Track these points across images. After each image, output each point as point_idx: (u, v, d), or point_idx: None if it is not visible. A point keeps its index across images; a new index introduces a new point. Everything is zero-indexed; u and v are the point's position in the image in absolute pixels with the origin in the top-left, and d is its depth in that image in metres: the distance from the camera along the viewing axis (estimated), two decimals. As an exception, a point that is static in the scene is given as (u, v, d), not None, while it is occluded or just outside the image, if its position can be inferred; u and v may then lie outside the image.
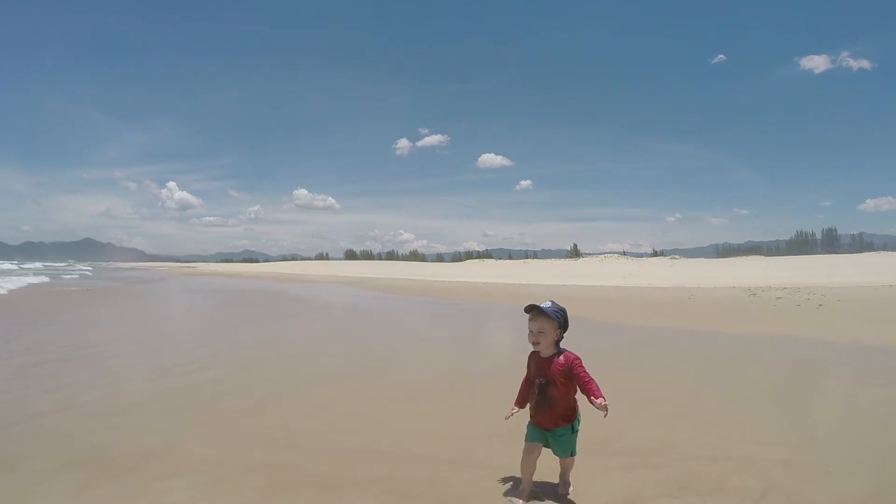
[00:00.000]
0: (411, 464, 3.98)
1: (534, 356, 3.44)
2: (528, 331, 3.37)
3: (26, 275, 42.78)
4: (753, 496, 3.41)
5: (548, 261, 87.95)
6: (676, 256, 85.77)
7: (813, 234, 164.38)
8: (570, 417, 3.33)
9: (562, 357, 3.31)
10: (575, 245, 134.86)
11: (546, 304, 3.33)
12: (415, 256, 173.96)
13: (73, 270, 67.69)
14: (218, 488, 3.56)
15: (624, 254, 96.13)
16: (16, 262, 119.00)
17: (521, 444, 3.42)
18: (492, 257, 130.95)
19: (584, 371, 3.25)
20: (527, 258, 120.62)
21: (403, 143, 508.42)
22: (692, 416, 5.17)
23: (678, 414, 5.23)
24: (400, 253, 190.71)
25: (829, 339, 9.57)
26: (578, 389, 3.27)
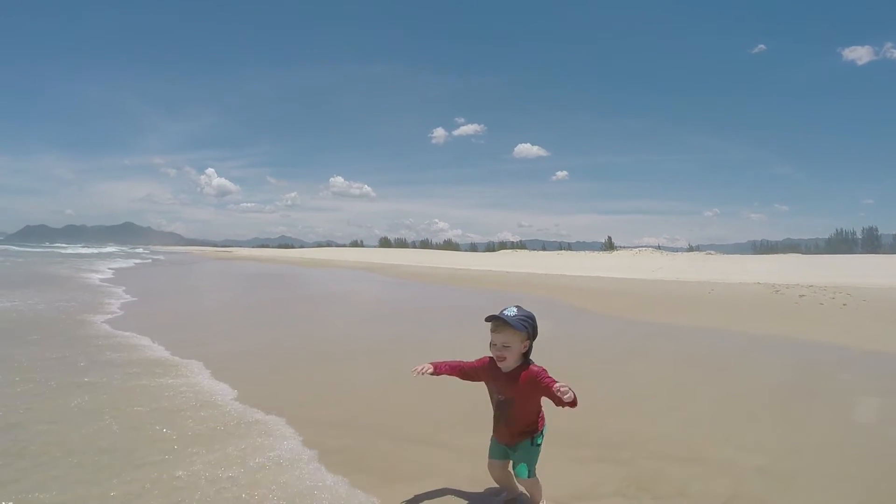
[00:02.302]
0: (376, 438, 4.19)
1: (494, 366, 2.98)
2: (491, 343, 2.95)
3: (114, 257, 48.12)
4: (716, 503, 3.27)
5: (581, 253, 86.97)
6: (712, 252, 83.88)
7: (853, 233, 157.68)
8: (530, 433, 3.00)
9: (527, 372, 2.91)
10: (609, 238, 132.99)
11: (510, 312, 2.88)
12: (449, 246, 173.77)
13: (134, 253, 71.02)
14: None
15: (659, 248, 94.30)
16: (83, 244, 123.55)
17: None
18: (526, 248, 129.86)
19: (551, 379, 2.85)
20: (561, 250, 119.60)
21: (439, 133, 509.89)
22: (675, 414, 5.07)
23: (661, 411, 5.16)
24: (434, 242, 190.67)
25: (841, 342, 9.24)
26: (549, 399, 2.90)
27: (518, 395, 2.92)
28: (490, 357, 3.00)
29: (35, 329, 8.49)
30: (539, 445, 3.03)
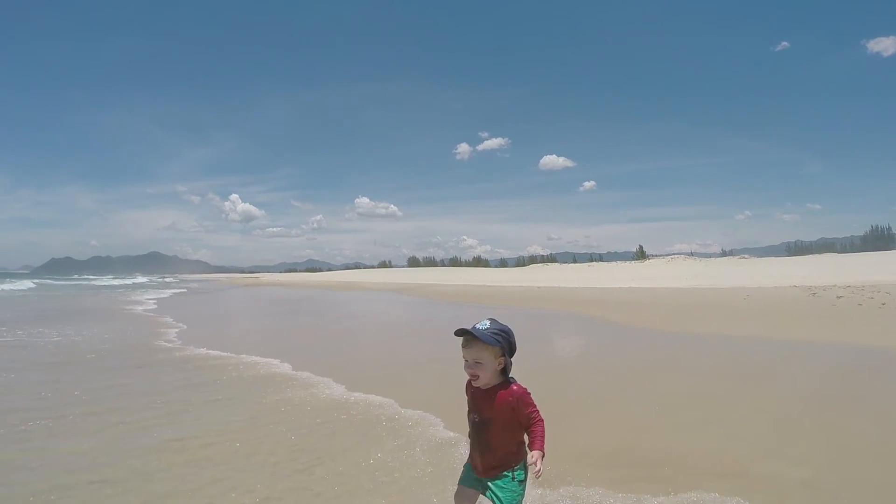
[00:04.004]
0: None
1: (472, 386, 2.68)
2: (463, 360, 2.63)
3: (147, 287, 50.15)
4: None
5: (613, 263, 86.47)
6: (746, 256, 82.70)
7: (889, 229, 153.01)
8: (509, 463, 2.62)
9: (507, 390, 2.60)
10: (641, 247, 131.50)
11: (482, 325, 2.58)
12: (478, 262, 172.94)
13: (165, 283, 72.98)
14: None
15: (691, 254, 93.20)
16: (111, 275, 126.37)
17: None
18: (556, 261, 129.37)
19: (535, 408, 2.60)
20: (592, 261, 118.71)
21: (464, 148, 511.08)
22: (713, 427, 4.98)
23: (698, 425, 5.08)
24: (463, 259, 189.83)
25: (882, 344, 9.07)
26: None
27: (496, 416, 2.59)
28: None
29: (123, 357, 9.17)
30: (523, 482, 2.65)
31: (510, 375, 2.66)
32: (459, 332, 2.60)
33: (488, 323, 2.60)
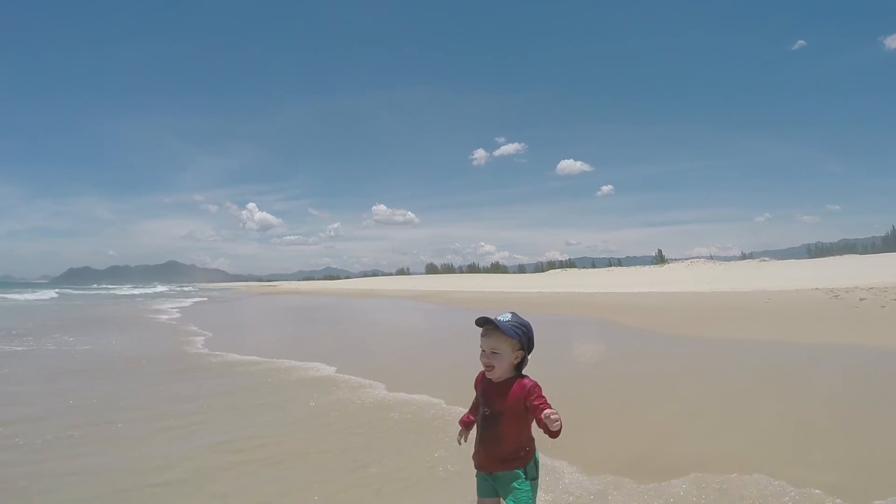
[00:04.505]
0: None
1: (484, 378, 2.67)
2: (480, 350, 2.63)
3: (168, 296, 50.63)
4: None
5: (632, 268, 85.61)
6: (766, 259, 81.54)
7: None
8: (520, 460, 2.56)
9: (518, 384, 2.56)
10: (660, 251, 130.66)
11: (503, 317, 2.58)
12: (496, 269, 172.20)
13: (185, 292, 74.11)
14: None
15: (711, 258, 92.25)
16: (131, 285, 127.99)
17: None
18: (575, 266, 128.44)
19: (545, 400, 2.50)
20: (611, 266, 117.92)
21: (480, 154, 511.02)
22: (736, 433, 4.93)
23: (721, 430, 5.05)
24: (481, 265, 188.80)
25: None
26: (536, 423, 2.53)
27: (507, 410, 2.54)
28: (482, 371, 2.70)
29: (158, 364, 9.48)
30: (535, 480, 2.60)
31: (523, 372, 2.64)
32: (480, 321, 2.60)
33: (510, 315, 2.60)
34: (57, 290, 65.60)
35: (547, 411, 2.37)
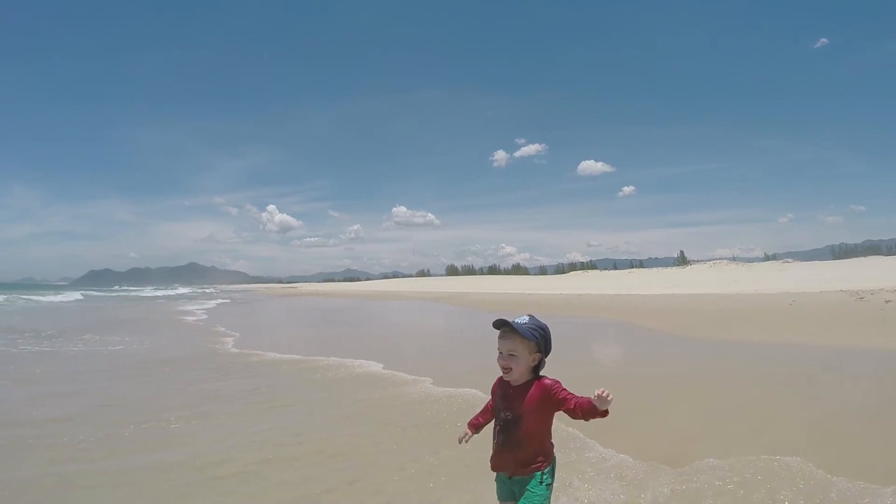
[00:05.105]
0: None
1: (502, 382, 2.72)
2: (497, 352, 2.67)
3: (192, 298, 52.32)
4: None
5: (654, 270, 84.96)
6: (789, 260, 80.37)
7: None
8: (539, 464, 2.59)
9: (537, 385, 2.60)
10: (682, 252, 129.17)
11: (521, 319, 2.62)
12: (517, 270, 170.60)
13: (208, 293, 75.44)
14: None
15: (734, 259, 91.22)
16: (153, 286, 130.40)
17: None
18: (596, 268, 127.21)
19: (568, 391, 2.56)
20: (632, 267, 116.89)
21: (500, 155, 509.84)
22: (762, 440, 4.84)
23: (746, 437, 4.97)
24: (502, 267, 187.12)
25: None
26: (571, 418, 2.58)
27: (528, 412, 2.57)
28: (500, 376, 2.73)
29: (196, 362, 9.92)
30: (549, 486, 2.62)
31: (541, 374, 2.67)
32: (498, 323, 2.64)
33: (527, 318, 2.64)
34: (81, 291, 66.77)
35: (598, 391, 2.40)
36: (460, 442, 2.92)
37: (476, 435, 2.91)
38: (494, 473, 2.75)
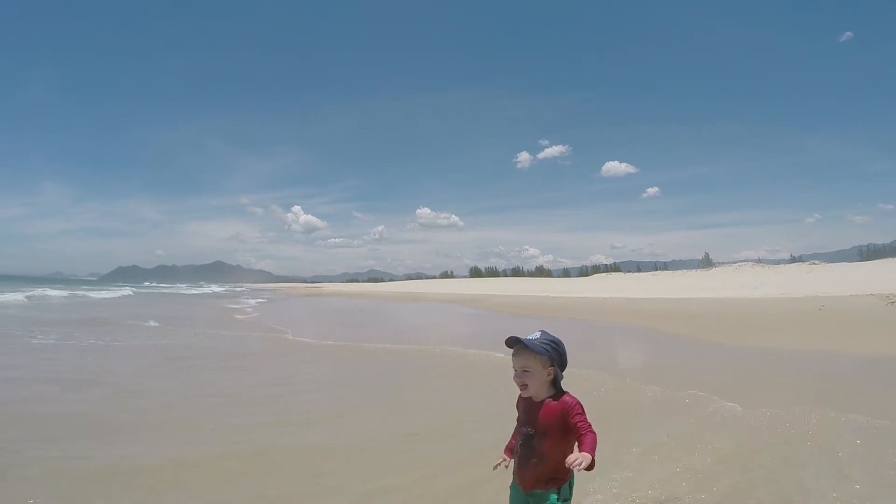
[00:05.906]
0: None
1: (523, 399, 2.74)
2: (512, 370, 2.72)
3: (226, 296, 55.15)
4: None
5: (678, 272, 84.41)
6: (816, 262, 79.46)
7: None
8: (557, 480, 2.60)
9: (557, 401, 2.63)
10: (706, 254, 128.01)
11: (533, 336, 2.67)
12: (540, 272, 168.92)
13: (239, 291, 77.88)
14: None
15: (759, 261, 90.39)
16: (186, 284, 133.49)
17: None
18: (620, 270, 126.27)
19: (585, 419, 2.56)
20: (656, 270, 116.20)
21: (524, 157, 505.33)
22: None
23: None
24: (525, 269, 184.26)
25: None
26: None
27: (549, 428, 2.59)
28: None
29: (282, 352, 11.59)
30: (567, 501, 2.63)
31: (562, 387, 2.70)
32: (510, 342, 2.69)
33: (538, 334, 2.68)
34: (130, 287, 68.71)
35: (570, 458, 2.40)
36: (495, 468, 2.85)
37: (513, 459, 2.79)
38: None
